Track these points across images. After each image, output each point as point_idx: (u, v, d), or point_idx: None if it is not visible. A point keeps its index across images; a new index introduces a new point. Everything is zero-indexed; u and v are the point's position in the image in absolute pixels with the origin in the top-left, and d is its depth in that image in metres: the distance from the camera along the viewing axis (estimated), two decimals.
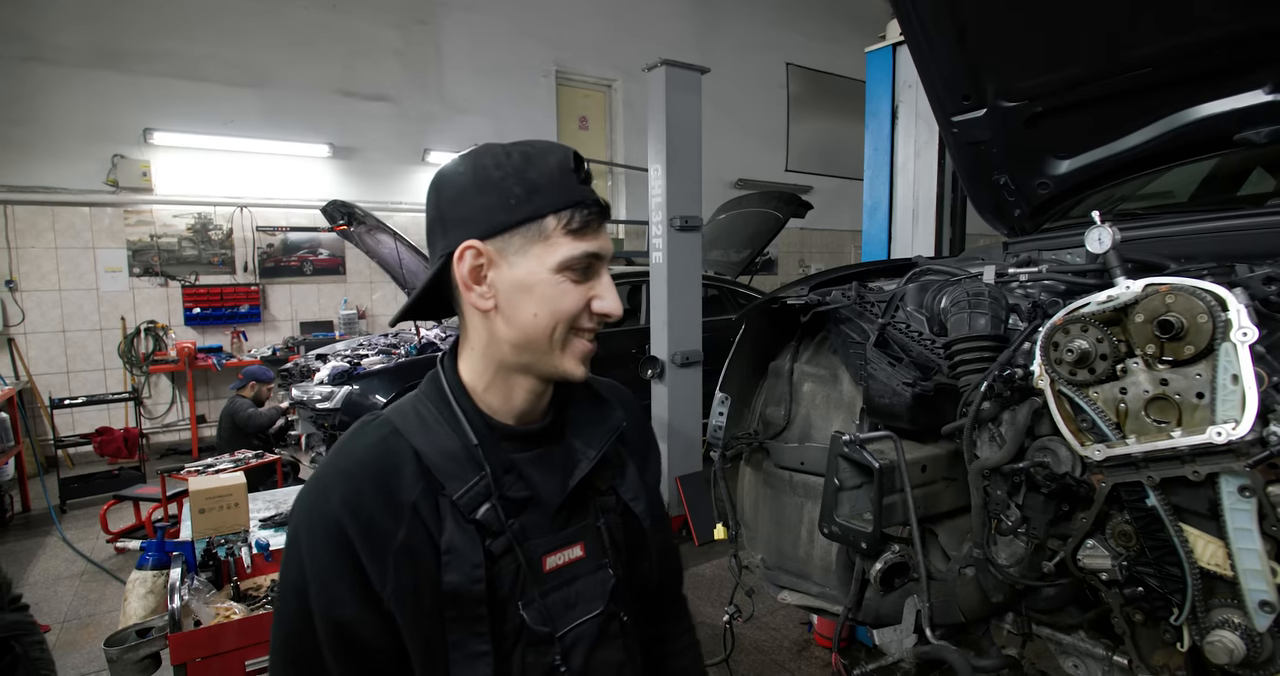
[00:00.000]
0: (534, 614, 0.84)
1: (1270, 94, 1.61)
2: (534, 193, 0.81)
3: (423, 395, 0.89)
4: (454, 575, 0.79)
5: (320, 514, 0.79)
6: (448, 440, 0.83)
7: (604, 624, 0.91)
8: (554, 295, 0.82)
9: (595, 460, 0.91)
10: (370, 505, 0.78)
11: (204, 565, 2.38)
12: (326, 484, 0.81)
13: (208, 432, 7.17)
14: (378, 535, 0.78)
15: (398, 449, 0.82)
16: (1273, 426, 0.90)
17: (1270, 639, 0.94)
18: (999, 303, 1.33)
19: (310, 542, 0.80)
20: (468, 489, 0.81)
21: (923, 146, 3.27)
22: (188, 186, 7.07)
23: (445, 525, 0.80)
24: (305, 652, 0.80)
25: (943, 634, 1.32)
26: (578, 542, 0.90)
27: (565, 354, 0.85)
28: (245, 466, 4.16)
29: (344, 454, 0.84)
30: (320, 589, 0.79)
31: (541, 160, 0.83)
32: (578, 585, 0.89)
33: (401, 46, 8.07)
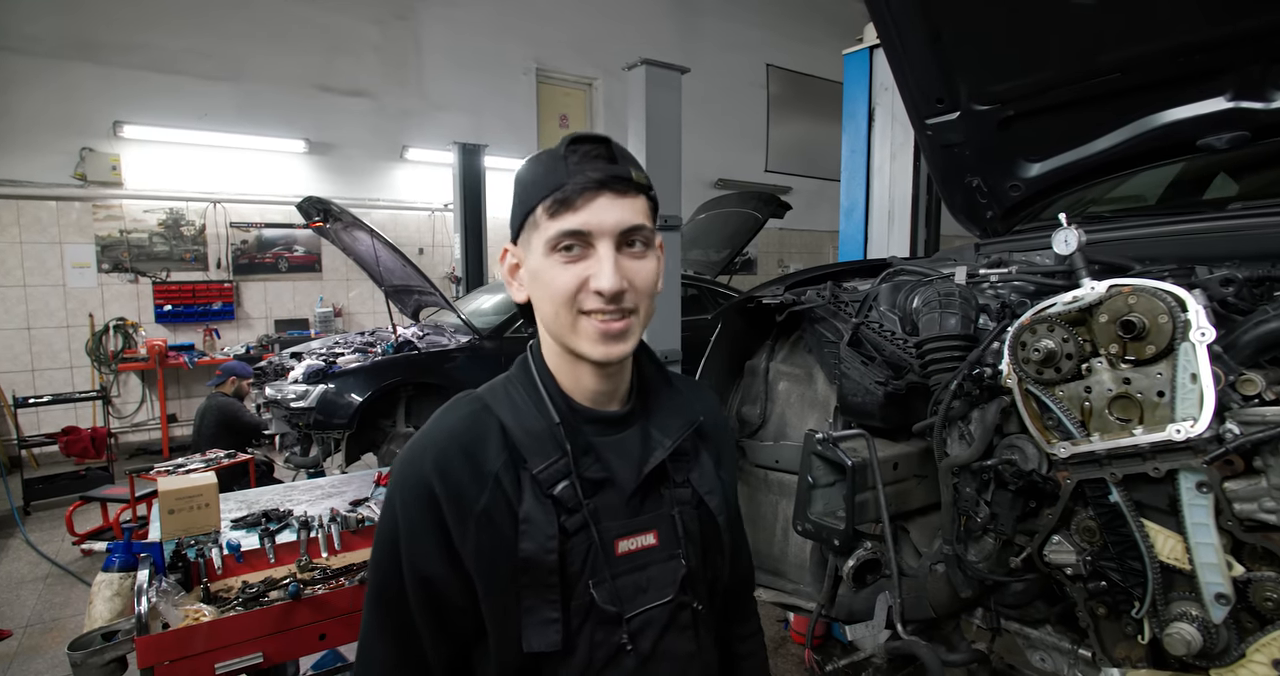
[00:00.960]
0: (603, 593, 0.87)
1: (1231, 101, 1.65)
2: (528, 188, 0.87)
3: (512, 377, 0.95)
4: (529, 543, 0.83)
5: (413, 474, 0.85)
6: (532, 418, 0.89)
7: (675, 611, 0.93)
8: (547, 278, 0.85)
9: (670, 450, 0.93)
10: (458, 471, 0.84)
11: (173, 567, 2.33)
12: (422, 448, 0.87)
13: (179, 432, 7.05)
14: (462, 499, 0.83)
15: (486, 422, 0.88)
16: (1229, 424, 0.92)
17: (1225, 630, 0.96)
18: (969, 303, 1.35)
19: (403, 500, 0.86)
20: (548, 465, 0.86)
21: (899, 149, 3.30)
22: (159, 181, 6.93)
23: (524, 496, 0.85)
24: (394, 600, 0.87)
25: (914, 629, 1.34)
26: (651, 530, 0.92)
27: (579, 335, 0.86)
28: (217, 466, 4.09)
29: (439, 424, 0.90)
30: (410, 542, 0.85)
31: (537, 158, 0.89)
32: (650, 571, 0.92)
33: (380, 41, 7.99)
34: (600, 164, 0.85)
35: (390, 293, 5.59)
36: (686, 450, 0.97)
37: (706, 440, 1.01)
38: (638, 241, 0.86)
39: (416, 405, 5.15)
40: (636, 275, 0.85)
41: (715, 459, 1.02)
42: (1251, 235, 1.51)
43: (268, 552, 2.47)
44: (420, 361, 5.07)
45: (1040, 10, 1.68)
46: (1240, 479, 0.94)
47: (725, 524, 0.99)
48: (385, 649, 0.89)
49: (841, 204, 3.54)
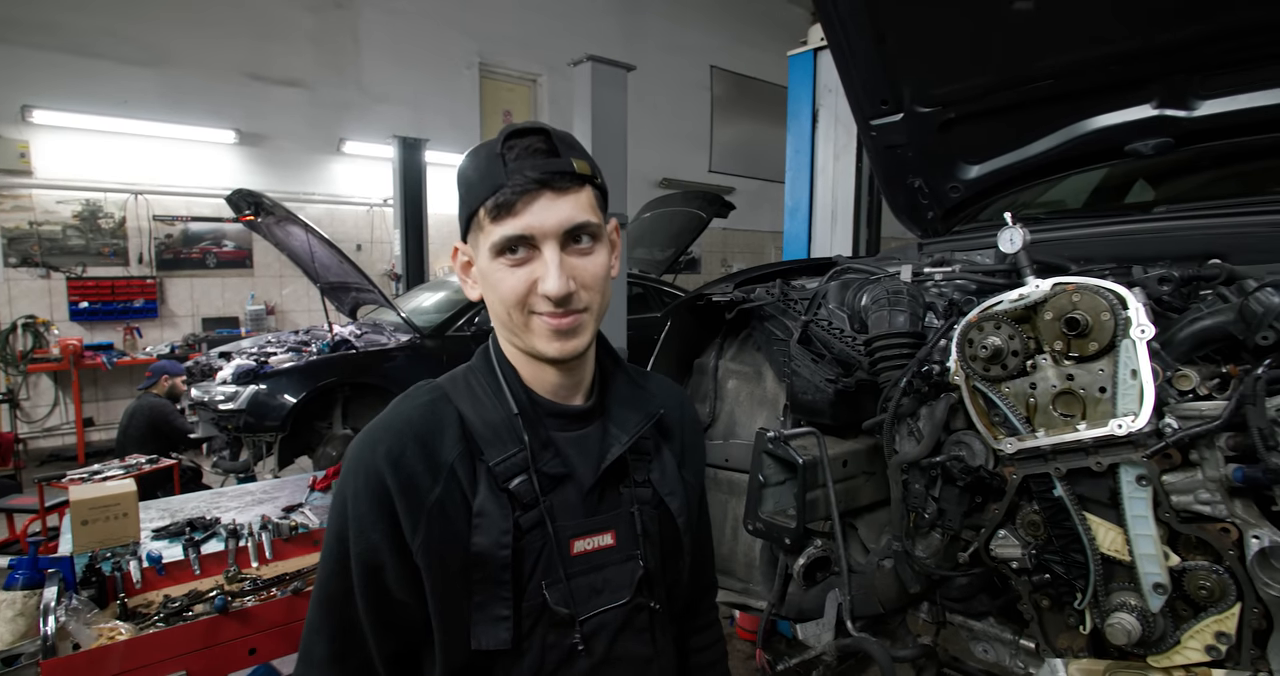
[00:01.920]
0: (556, 594, 0.84)
1: (1157, 109, 1.72)
2: (469, 188, 0.85)
3: (473, 367, 0.93)
4: (482, 538, 0.81)
5: (365, 463, 0.83)
6: (491, 410, 0.87)
7: (630, 614, 0.90)
8: (494, 282, 0.84)
9: (627, 445, 0.91)
10: (411, 461, 0.82)
11: (85, 582, 2.17)
12: (375, 437, 0.84)
13: (96, 437, 6.63)
14: (414, 490, 0.81)
15: (444, 412, 0.86)
16: (1168, 419, 0.95)
17: (1162, 619, 0.99)
18: (917, 301, 1.36)
19: (354, 489, 0.83)
20: (505, 458, 0.84)
21: (842, 150, 3.36)
22: (74, 170, 6.50)
23: (479, 489, 0.83)
24: (340, 596, 0.84)
25: (862, 625, 1.34)
26: (609, 530, 0.90)
27: (532, 334, 0.85)
28: (138, 473, 3.85)
29: (395, 412, 0.87)
30: (359, 533, 0.82)
31: (478, 154, 0.86)
32: (606, 572, 0.89)
33: (316, 30, 7.69)
34: (539, 159, 0.81)
35: (326, 290, 5.39)
36: (647, 448, 0.95)
37: (670, 438, 0.99)
38: (584, 237, 0.84)
39: (354, 406, 4.97)
40: (584, 273, 0.84)
41: (679, 458, 1.00)
42: (1177, 236, 1.58)
43: (192, 564, 2.34)
44: (358, 361, 4.90)
45: (980, 16, 1.72)
46: (1177, 472, 0.97)
47: (686, 526, 0.97)
48: (328, 646, 0.86)
49: (786, 204, 3.57)
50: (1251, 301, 0.95)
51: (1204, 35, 1.53)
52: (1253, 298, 0.95)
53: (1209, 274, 1.17)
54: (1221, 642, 0.96)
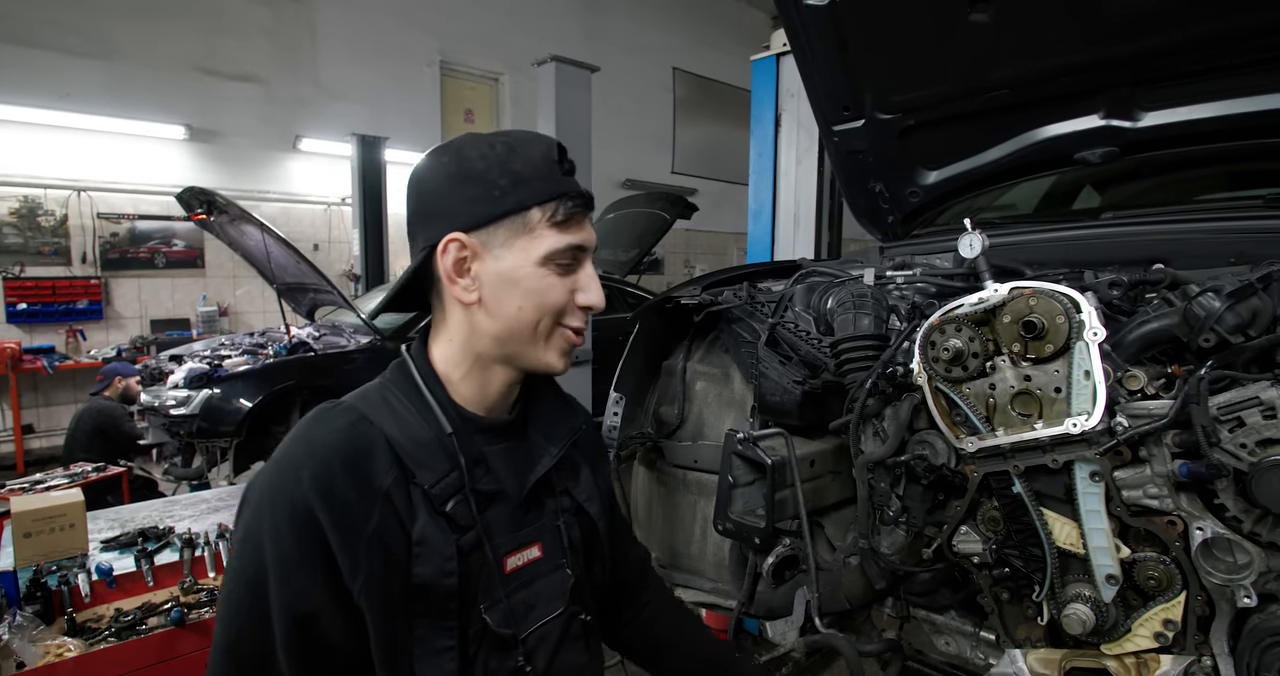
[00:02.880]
0: (497, 615, 0.82)
1: (1104, 119, 1.80)
2: (519, 184, 0.80)
3: (389, 383, 0.86)
4: (425, 568, 0.77)
5: (286, 496, 0.73)
6: (420, 429, 0.81)
7: (566, 624, 0.91)
8: (539, 288, 0.81)
9: (557, 457, 0.91)
10: (344, 488, 0.74)
11: (30, 597, 2.09)
12: (294, 464, 0.75)
13: (37, 444, 6.35)
14: (351, 521, 0.73)
15: (369, 434, 0.79)
16: (1119, 417, 0.99)
17: (1114, 608, 1.04)
18: (881, 303, 1.40)
19: (273, 528, 0.73)
20: (440, 479, 0.79)
21: (804, 153, 3.41)
22: (11, 165, 6.20)
23: (418, 515, 0.78)
24: (256, 655, 0.73)
25: (830, 622, 1.37)
26: (535, 543, 0.89)
27: (549, 347, 0.85)
28: (84, 481, 3.71)
29: (308, 439, 0.77)
30: (283, 580, 0.72)
31: (525, 151, 0.83)
32: (536, 585, 0.88)
33: (271, 24, 7.50)
34: (576, 181, 0.85)
35: (283, 291, 5.25)
36: (566, 459, 0.95)
37: (581, 448, 1.00)
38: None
39: None
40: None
41: (591, 464, 1.02)
42: (1123, 242, 1.65)
43: (145, 575, 2.27)
44: (316, 363, 4.80)
45: (940, 27, 1.76)
46: (1127, 468, 1.01)
47: (605, 530, 1.00)
48: None
49: (750, 206, 3.62)
50: (1194, 306, 1.00)
51: (1148, 50, 1.60)
52: (1195, 302, 1.00)
53: (1154, 278, 1.23)
54: (1169, 629, 1.01)
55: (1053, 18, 1.66)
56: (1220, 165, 2.02)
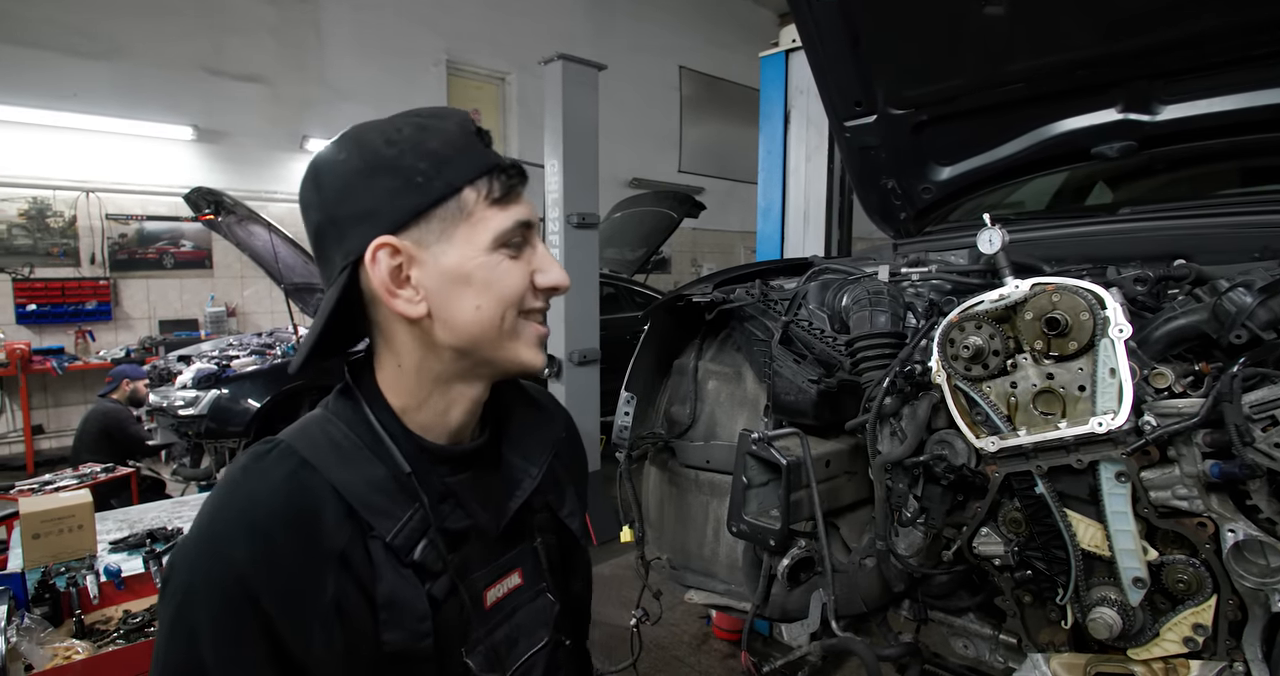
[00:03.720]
0: (479, 658, 0.75)
1: (1121, 113, 1.77)
2: (442, 165, 0.69)
3: (333, 417, 0.74)
4: (396, 633, 0.68)
5: (217, 578, 0.63)
6: (372, 470, 0.70)
7: (551, 655, 0.83)
8: (495, 278, 0.70)
9: (538, 479, 0.83)
10: (289, 558, 0.64)
11: (38, 599, 2.09)
12: (225, 538, 0.64)
13: (46, 445, 6.38)
14: (300, 596, 0.64)
15: (312, 485, 0.68)
16: (1146, 416, 0.97)
17: (1141, 612, 1.01)
18: (897, 301, 1.37)
19: (208, 615, 0.62)
20: (401, 526, 0.69)
21: (813, 150, 3.38)
22: (19, 167, 6.23)
23: (380, 574, 0.68)
24: None
25: (845, 624, 1.35)
26: (516, 568, 0.81)
27: (519, 342, 0.74)
28: (92, 482, 3.71)
29: (243, 496, 0.67)
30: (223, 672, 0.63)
31: (437, 127, 0.71)
32: (518, 617, 0.81)
33: (277, 24, 7.50)
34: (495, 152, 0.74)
35: (291, 291, 5.26)
36: (546, 473, 0.86)
37: (560, 456, 0.91)
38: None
39: None
40: None
41: (571, 473, 0.93)
42: (1143, 237, 1.62)
43: (154, 577, 2.26)
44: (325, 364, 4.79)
45: (953, 20, 1.74)
46: (1155, 468, 0.99)
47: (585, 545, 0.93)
48: None
49: (759, 204, 3.59)
50: (1225, 301, 0.97)
51: (1166, 42, 1.57)
52: (1226, 297, 0.97)
53: (1178, 274, 1.20)
54: (1199, 634, 0.98)
55: (1068, 10, 1.63)
56: (1240, 159, 1.99)
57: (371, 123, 0.74)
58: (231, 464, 0.72)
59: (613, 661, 2.30)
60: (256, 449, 0.72)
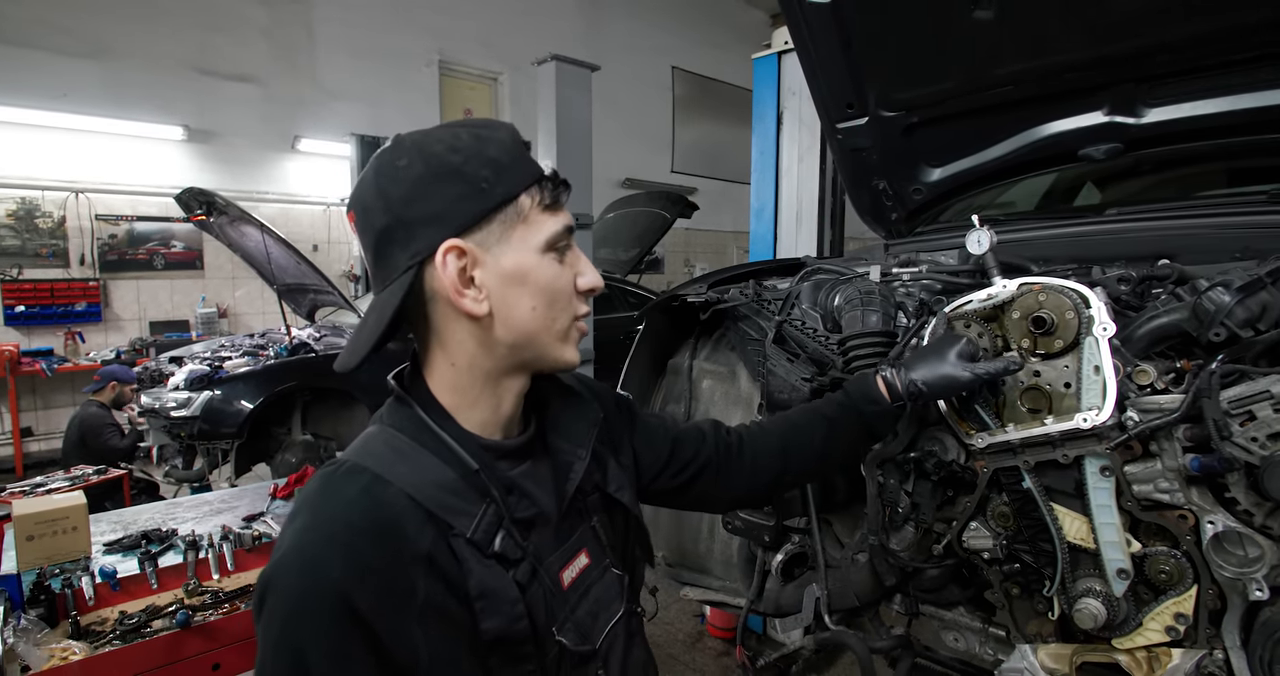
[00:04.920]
0: (571, 635, 0.79)
1: (1108, 115, 1.80)
2: (501, 172, 0.73)
3: (391, 428, 0.77)
4: (493, 620, 0.72)
5: (320, 594, 0.64)
6: (440, 473, 0.74)
7: (628, 623, 0.89)
8: (548, 279, 0.76)
9: (588, 459, 0.87)
10: (379, 569, 0.66)
11: (34, 600, 2.08)
12: (317, 558, 0.66)
13: (35, 447, 6.34)
14: (396, 602, 0.66)
15: (387, 497, 0.70)
16: (1130, 412, 1.00)
17: (1126, 603, 1.04)
18: (888, 301, 1.40)
19: (315, 631, 0.64)
20: (479, 521, 0.73)
21: (806, 151, 3.41)
22: (8, 167, 6.18)
23: (469, 568, 0.72)
24: None
25: (839, 619, 1.37)
26: (582, 549, 0.86)
27: (567, 342, 0.80)
28: (84, 484, 3.70)
29: (323, 517, 0.69)
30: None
31: (493, 136, 0.76)
32: (593, 593, 0.85)
33: (268, 24, 7.48)
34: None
35: (283, 292, 5.25)
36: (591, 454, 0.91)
37: (600, 434, 0.95)
38: None
39: (314, 411, 4.86)
40: None
41: (613, 449, 0.97)
42: (1129, 238, 1.65)
43: (149, 578, 2.26)
44: (318, 364, 4.78)
45: (943, 23, 1.77)
46: (1138, 462, 1.02)
47: (640, 514, 0.97)
48: None
49: (752, 205, 3.61)
50: (1204, 300, 1.00)
51: (1151, 46, 1.60)
52: (1205, 297, 1.00)
53: (1161, 274, 1.23)
54: (1180, 623, 1.01)
55: (1056, 14, 1.66)
56: (1223, 161, 2.02)
57: (426, 131, 0.77)
58: (304, 489, 0.75)
59: None
60: (324, 471, 0.75)
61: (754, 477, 1.08)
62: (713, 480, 1.06)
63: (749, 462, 1.08)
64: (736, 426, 1.13)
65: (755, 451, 1.08)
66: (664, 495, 1.07)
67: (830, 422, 1.08)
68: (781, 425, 1.12)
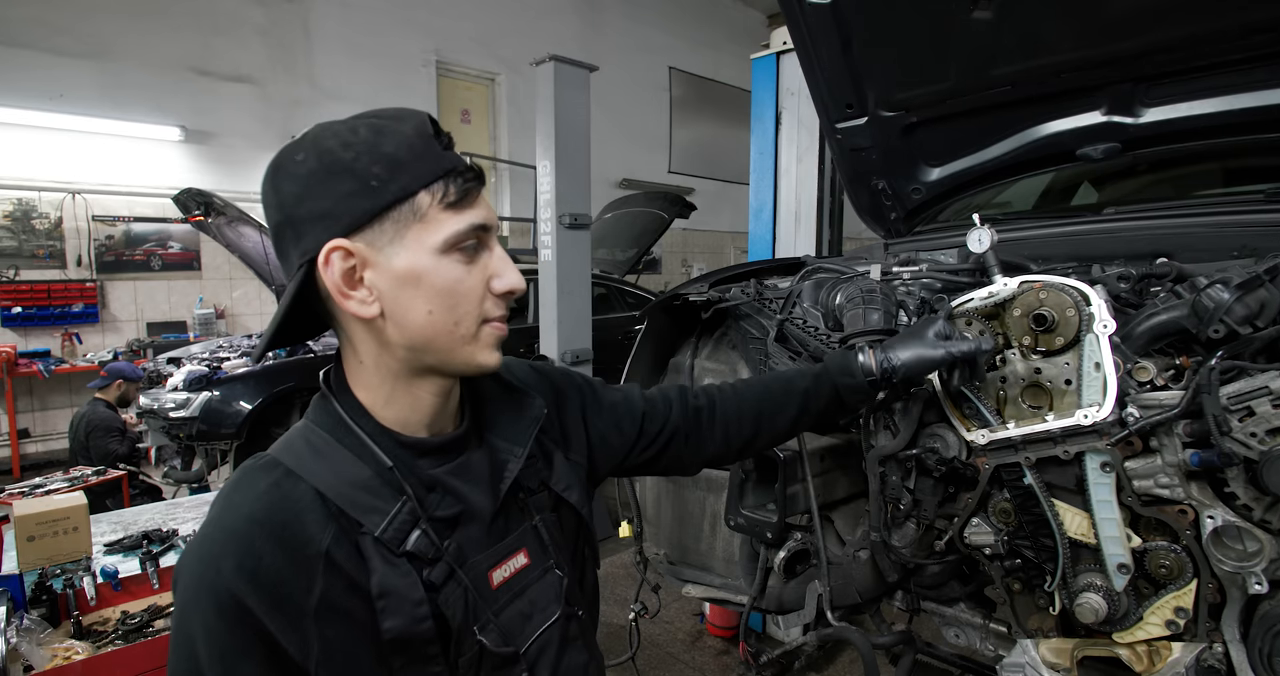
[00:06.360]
0: (492, 636, 0.77)
1: (1105, 115, 1.81)
2: (396, 169, 0.70)
3: (312, 425, 0.77)
4: (394, 620, 0.71)
5: (210, 588, 0.66)
6: (354, 470, 0.73)
7: (564, 627, 0.86)
8: (447, 282, 0.72)
9: (523, 459, 0.85)
10: (273, 565, 0.67)
11: (36, 600, 2.09)
12: (213, 552, 0.68)
13: (33, 449, 6.33)
14: (288, 599, 0.67)
15: (293, 493, 0.71)
16: (1130, 408, 1.01)
17: (1126, 597, 1.05)
18: (889, 299, 1.40)
19: (204, 624, 0.66)
20: (390, 519, 0.72)
21: (804, 151, 3.42)
22: (4, 167, 6.17)
23: (372, 566, 0.71)
24: None
25: (841, 615, 1.38)
26: (520, 549, 0.84)
27: (477, 345, 0.76)
28: (84, 484, 3.69)
29: (229, 510, 0.71)
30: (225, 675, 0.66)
31: (395, 130, 0.72)
32: (529, 594, 0.83)
33: (265, 24, 7.47)
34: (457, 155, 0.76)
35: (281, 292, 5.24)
36: (534, 452, 0.89)
37: (549, 430, 0.93)
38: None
39: None
40: None
41: (562, 443, 0.95)
42: (1127, 236, 1.66)
43: (150, 577, 2.27)
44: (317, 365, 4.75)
45: (943, 23, 1.78)
46: (1138, 458, 1.03)
47: (588, 514, 0.94)
48: None
49: (751, 205, 3.62)
50: (1203, 297, 1.01)
51: (1149, 47, 1.62)
52: (1204, 294, 1.01)
53: (1160, 272, 1.24)
54: (1180, 617, 1.02)
55: (1054, 15, 1.67)
56: (1220, 160, 2.04)
57: (330, 124, 0.74)
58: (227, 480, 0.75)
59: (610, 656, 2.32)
60: (246, 464, 0.75)
61: (725, 442, 1.10)
62: (682, 445, 1.07)
63: (719, 426, 1.09)
64: (707, 387, 1.13)
65: (725, 415, 1.09)
66: (638, 468, 1.08)
67: (805, 393, 1.10)
68: (757, 390, 1.12)
